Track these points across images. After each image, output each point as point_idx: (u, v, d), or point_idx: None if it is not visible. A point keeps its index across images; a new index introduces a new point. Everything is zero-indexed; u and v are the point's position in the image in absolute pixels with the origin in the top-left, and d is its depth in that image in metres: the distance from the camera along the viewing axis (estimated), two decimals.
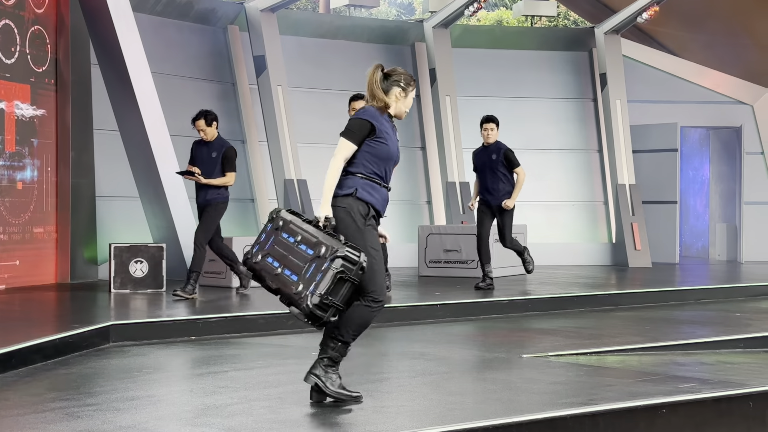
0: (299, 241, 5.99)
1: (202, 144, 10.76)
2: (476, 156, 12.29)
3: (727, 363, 8.20)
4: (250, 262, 6.16)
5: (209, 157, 10.62)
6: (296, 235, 6.01)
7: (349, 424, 5.57)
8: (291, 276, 5.96)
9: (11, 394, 6.27)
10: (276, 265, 6.06)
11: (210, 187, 10.56)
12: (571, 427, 5.77)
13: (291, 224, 6.08)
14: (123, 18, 12.72)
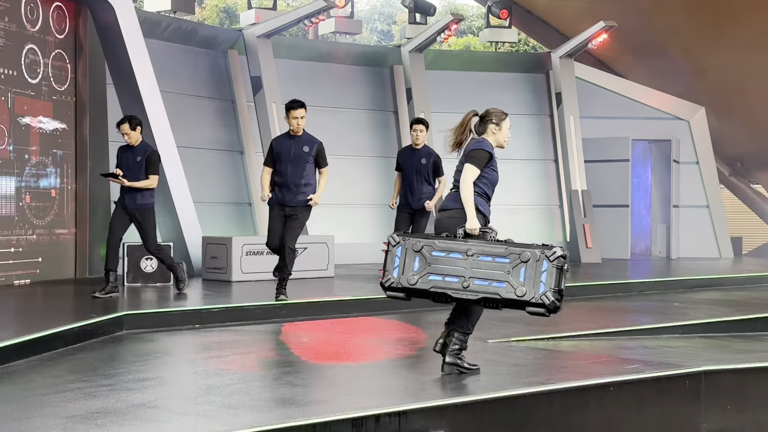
0: (473, 253, 6.08)
1: (128, 149, 10.06)
2: (403, 157, 11.01)
3: (667, 347, 8.26)
4: (396, 286, 6.20)
5: (134, 161, 9.95)
6: (462, 250, 6.09)
7: (327, 401, 5.59)
8: (492, 284, 6.06)
9: (35, 376, 6.29)
10: (454, 280, 6.09)
11: (137, 192, 9.93)
12: (530, 404, 5.82)
13: (442, 243, 6.16)
14: (135, 42, 12.72)
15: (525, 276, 6.07)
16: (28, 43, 12.07)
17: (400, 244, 6.23)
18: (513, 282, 6.06)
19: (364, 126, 17.49)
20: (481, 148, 6.53)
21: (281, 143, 9.80)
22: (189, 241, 12.95)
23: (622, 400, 6.23)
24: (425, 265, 6.17)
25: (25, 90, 12.00)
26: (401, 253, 6.24)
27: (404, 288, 6.22)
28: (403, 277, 6.18)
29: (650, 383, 6.41)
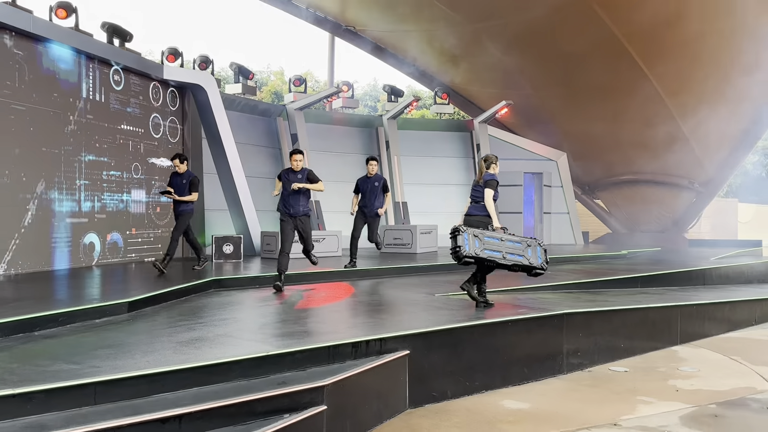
0: (503, 238, 6.77)
1: (177, 175, 9.47)
2: (362, 182, 10.33)
3: (543, 298, 8.24)
4: (470, 255, 6.58)
5: (181, 183, 9.37)
6: (498, 237, 6.74)
7: (335, 332, 5.56)
8: (517, 257, 6.75)
9: (157, 317, 6.25)
10: (497, 254, 6.68)
11: (182, 203, 9.35)
12: (461, 332, 5.81)
13: (487, 233, 6.74)
14: (219, 112, 12.68)
15: (531, 254, 6.81)
16: (154, 113, 12.01)
17: (465, 231, 6.62)
18: (527, 256, 6.78)
19: (359, 163, 17.43)
20: (493, 178, 7.11)
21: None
22: (252, 233, 12.90)
23: (517, 330, 6.23)
24: (482, 245, 6.64)
25: (151, 142, 11.93)
26: (467, 237, 6.61)
27: (473, 257, 6.60)
28: (470, 251, 6.56)
29: (533, 320, 6.42)
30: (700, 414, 5.28)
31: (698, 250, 17.91)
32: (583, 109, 18.40)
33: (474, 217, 7.03)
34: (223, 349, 4.73)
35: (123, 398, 3.92)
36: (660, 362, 7.11)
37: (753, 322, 9.67)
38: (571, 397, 5.73)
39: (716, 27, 14.85)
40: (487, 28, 17.15)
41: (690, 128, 17.88)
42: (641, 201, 20.66)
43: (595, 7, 14.79)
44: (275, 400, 4.06)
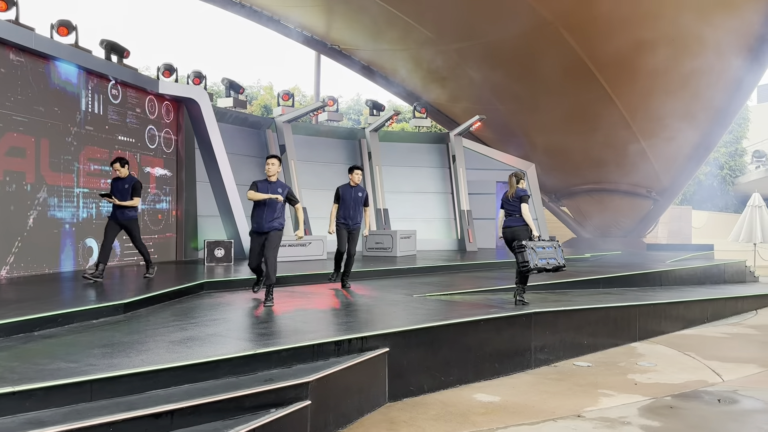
0: (545, 246, 7.40)
1: (119, 179, 8.36)
2: (345, 191, 8.65)
3: (512, 299, 8.26)
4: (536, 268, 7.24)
5: (123, 187, 8.28)
6: (542, 245, 7.37)
7: (319, 331, 5.53)
8: (552, 260, 7.36)
9: (151, 317, 6.18)
10: (543, 262, 7.30)
11: (125, 208, 8.28)
12: (437, 332, 5.82)
13: (537, 244, 7.37)
14: (212, 124, 12.59)
15: (559, 254, 7.45)
16: (149, 125, 11.91)
17: (528, 246, 7.30)
18: (557, 257, 7.40)
19: (344, 172, 17.28)
20: (526, 193, 7.70)
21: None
22: (243, 238, 12.76)
23: (488, 329, 6.25)
24: (536, 256, 7.29)
25: (147, 152, 11.82)
26: (531, 253, 7.30)
27: (536, 267, 7.26)
28: (532, 264, 7.23)
29: (503, 319, 6.45)
30: (657, 406, 5.33)
31: (656, 254, 18.09)
32: (550, 125, 18.56)
33: (516, 228, 7.59)
34: (213, 348, 4.69)
35: (118, 395, 3.87)
36: (620, 357, 7.17)
37: (705, 319, 9.80)
38: (538, 390, 5.76)
39: (675, 59, 15.08)
40: (461, 49, 17.25)
41: (649, 144, 18.11)
42: (603, 208, 20.85)
43: (562, 31, 14.94)
44: (262, 395, 4.03)
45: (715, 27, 13.97)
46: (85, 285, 7.80)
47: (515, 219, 7.64)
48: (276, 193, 7.20)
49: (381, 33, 18.20)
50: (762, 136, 31.37)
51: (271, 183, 7.31)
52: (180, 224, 12.74)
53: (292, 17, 18.98)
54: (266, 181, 7.32)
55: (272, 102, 31.14)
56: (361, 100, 34.62)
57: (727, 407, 5.32)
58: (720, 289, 12.18)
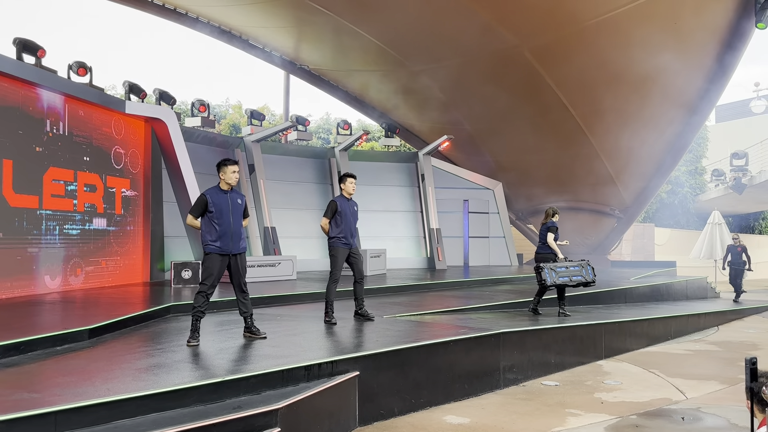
0: (569, 266, 8.74)
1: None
2: (343, 204, 7.24)
3: (481, 318, 8.34)
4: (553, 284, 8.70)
5: None
6: (564, 266, 8.72)
7: (290, 356, 5.49)
8: (578, 277, 8.72)
9: (116, 344, 6.07)
10: (565, 278, 8.67)
11: None
12: (407, 353, 5.82)
13: (557, 264, 8.69)
14: (179, 144, 12.44)
15: (585, 273, 8.77)
16: (116, 146, 11.76)
17: (546, 267, 8.67)
18: (584, 275, 8.77)
19: (313, 191, 17.41)
20: (553, 225, 9.04)
21: None
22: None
23: (457, 349, 6.29)
24: (557, 275, 8.66)
25: (113, 172, 11.66)
26: (548, 271, 8.64)
27: (554, 284, 8.70)
28: (550, 282, 8.68)
29: (472, 339, 6.49)
30: (623, 425, 5.41)
31: (620, 271, 18.43)
32: (514, 145, 18.86)
33: (543, 254, 8.98)
34: (180, 375, 4.62)
35: (83, 425, 3.79)
36: (587, 376, 7.27)
37: (669, 336, 10.01)
38: (507, 410, 5.80)
39: (635, 79, 15.51)
40: (428, 70, 17.46)
41: (611, 163, 18.51)
42: (568, 226, 21.16)
43: (526, 54, 15.25)
44: (231, 424, 3.98)
45: (673, 48, 14.42)
46: (49, 309, 7.61)
47: (543, 246, 9.02)
48: (236, 204, 6.09)
49: (350, 54, 18.32)
50: (720, 155, 32.32)
51: (229, 192, 6.12)
52: (146, 244, 12.55)
53: (261, 38, 19.00)
54: (222, 191, 6.10)
55: (241, 121, 31.02)
56: (331, 119, 34.71)
57: (690, 425, 5.43)
58: (683, 306, 12.45)
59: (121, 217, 11.85)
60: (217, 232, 5.98)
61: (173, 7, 17.46)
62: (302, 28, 17.70)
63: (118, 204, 11.77)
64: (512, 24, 14.53)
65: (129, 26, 77.06)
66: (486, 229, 19.07)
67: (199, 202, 6.03)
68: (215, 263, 5.96)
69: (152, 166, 12.74)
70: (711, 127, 38.23)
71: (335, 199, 7.36)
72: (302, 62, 20.02)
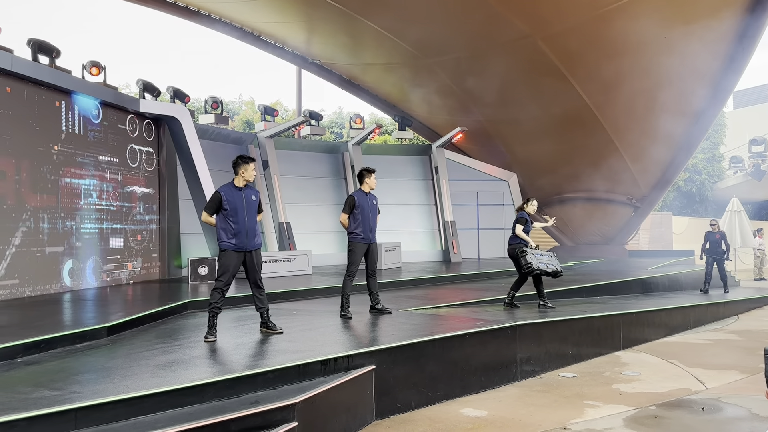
0: (543, 254, 8.44)
1: None
2: (361, 198, 7.21)
3: (497, 310, 8.33)
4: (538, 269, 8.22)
5: None
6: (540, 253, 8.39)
7: (306, 350, 5.51)
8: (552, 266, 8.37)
9: (135, 340, 6.13)
10: (543, 266, 8.25)
11: None
12: (422, 348, 5.81)
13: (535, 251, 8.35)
14: (193, 142, 12.52)
15: (556, 262, 8.49)
16: (130, 143, 11.84)
17: (528, 252, 8.27)
18: (556, 264, 8.44)
19: (327, 186, 17.44)
20: (522, 215, 8.62)
21: None
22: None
23: (473, 342, 6.27)
24: (537, 261, 8.24)
25: (128, 171, 11.75)
26: (531, 256, 8.24)
27: (539, 270, 8.23)
28: (536, 266, 8.21)
29: (488, 332, 6.48)
30: (642, 416, 5.37)
31: (637, 261, 18.28)
32: (529, 135, 18.71)
33: (513, 245, 8.54)
34: (197, 371, 4.66)
35: (103, 422, 3.83)
36: (605, 367, 7.22)
37: (688, 326, 9.91)
38: (524, 403, 5.78)
39: (652, 65, 15.30)
40: (441, 62, 17.37)
41: (628, 152, 18.32)
42: (585, 216, 21.01)
43: (540, 43, 15.12)
44: (248, 419, 4.01)
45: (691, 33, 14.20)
46: (69, 307, 7.71)
47: (512, 238, 8.62)
48: (250, 200, 6.08)
49: (361, 48, 18.28)
50: (739, 142, 31.88)
51: (243, 189, 6.09)
52: (162, 242, 12.65)
53: (273, 33, 19.01)
54: (236, 188, 6.09)
55: (254, 117, 31.11)
56: (344, 114, 34.69)
57: (710, 415, 5.38)
58: (701, 295, 12.32)
59: (137, 214, 11.95)
60: (233, 229, 6.02)
61: (185, 5, 17.52)
62: (313, 23, 17.68)
63: (134, 202, 11.87)
64: (524, 13, 14.39)
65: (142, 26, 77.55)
66: (501, 221, 18.97)
67: (214, 199, 6.07)
68: (231, 260, 6.03)
69: (167, 164, 12.83)
70: (729, 113, 37.71)
71: (353, 194, 7.29)
72: (314, 57, 20.02)
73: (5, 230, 8.98)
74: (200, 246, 13.33)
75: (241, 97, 39.92)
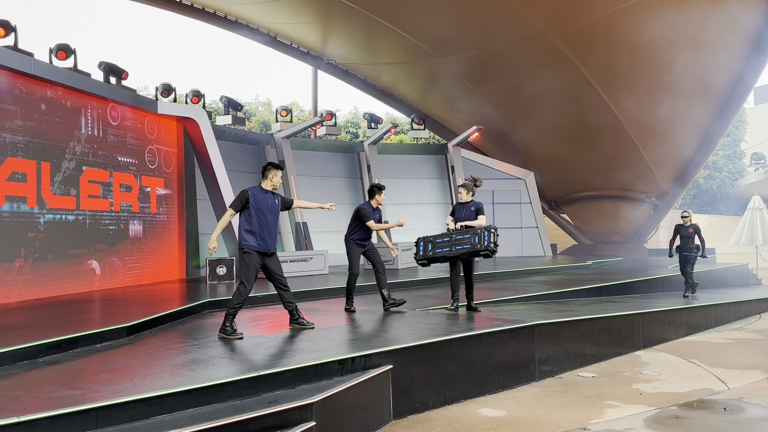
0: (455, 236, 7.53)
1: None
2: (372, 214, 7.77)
3: (515, 309, 8.27)
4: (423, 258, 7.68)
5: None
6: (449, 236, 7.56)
7: (323, 350, 5.51)
8: (463, 247, 7.44)
9: (154, 340, 6.18)
10: (446, 249, 7.54)
11: None
12: (440, 347, 5.79)
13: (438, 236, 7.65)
14: (211, 142, 12.62)
15: (478, 240, 7.40)
16: (150, 145, 11.95)
17: (422, 241, 7.72)
18: (474, 243, 7.41)
19: (343, 186, 17.48)
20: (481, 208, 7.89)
21: None
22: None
23: (491, 342, 6.24)
24: (434, 247, 7.61)
25: (147, 172, 11.86)
26: (422, 245, 7.68)
27: (427, 258, 7.67)
28: (423, 254, 7.66)
29: (506, 331, 6.43)
30: (663, 416, 5.31)
31: (657, 259, 18.08)
32: (547, 133, 18.61)
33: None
34: (216, 371, 4.68)
35: (123, 421, 3.86)
36: (625, 367, 7.14)
37: (709, 325, 9.78)
38: (543, 403, 5.73)
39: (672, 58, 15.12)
40: (457, 61, 17.31)
41: (647, 149, 18.13)
42: (603, 215, 20.84)
43: (557, 41, 15.01)
44: (266, 418, 4.02)
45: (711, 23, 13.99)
46: (89, 307, 7.79)
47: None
48: (274, 204, 6.28)
49: (377, 48, 18.28)
50: (760, 138, 31.42)
51: (268, 192, 6.28)
52: (181, 242, 12.75)
53: (289, 34, 19.09)
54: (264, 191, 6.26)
55: (271, 118, 31.26)
56: (359, 113, 34.73)
57: (733, 416, 5.30)
58: (723, 294, 12.16)
59: (156, 215, 12.06)
60: (256, 229, 6.21)
61: (202, 7, 17.65)
62: (329, 24, 17.72)
63: (153, 203, 11.98)
64: (541, 10, 14.30)
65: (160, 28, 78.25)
66: (518, 220, 18.88)
67: (241, 197, 6.22)
68: (253, 260, 6.18)
69: (185, 165, 12.93)
70: (749, 110, 37.15)
71: (365, 205, 7.83)
72: (330, 58, 20.06)
73: (26, 229, 9.10)
74: (218, 246, 13.42)
75: (258, 98, 40.14)
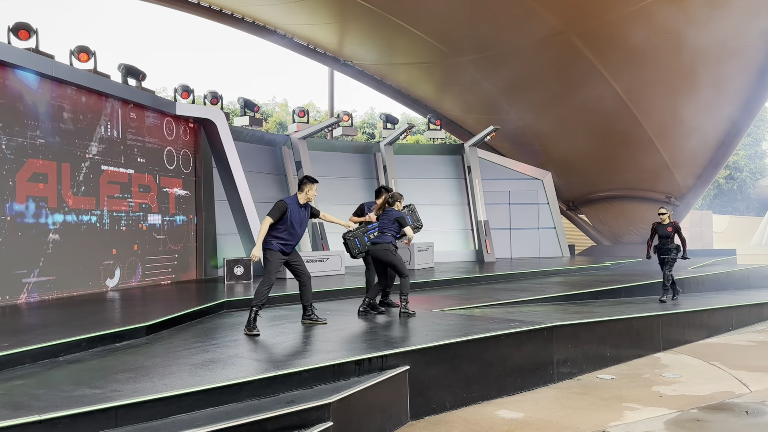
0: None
1: None
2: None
3: (533, 311, 8.21)
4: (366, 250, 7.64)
5: None
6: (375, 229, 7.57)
7: (340, 350, 5.51)
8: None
9: (173, 339, 6.21)
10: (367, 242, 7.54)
11: None
12: (457, 348, 5.77)
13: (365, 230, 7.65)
14: (228, 143, 12.70)
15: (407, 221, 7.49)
16: (168, 146, 12.05)
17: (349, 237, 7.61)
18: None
19: (360, 186, 17.49)
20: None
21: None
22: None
23: (509, 343, 6.20)
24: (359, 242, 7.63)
25: (166, 173, 11.96)
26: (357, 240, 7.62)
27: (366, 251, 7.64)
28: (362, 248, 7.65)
29: (525, 333, 6.39)
30: (683, 419, 5.24)
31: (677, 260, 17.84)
32: (565, 134, 18.48)
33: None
34: (234, 370, 4.70)
35: (142, 420, 3.89)
36: (644, 369, 7.06)
37: (730, 327, 9.64)
38: (561, 405, 5.69)
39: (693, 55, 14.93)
40: (474, 61, 17.25)
41: (666, 149, 17.93)
42: (622, 215, 20.65)
43: (575, 39, 14.89)
44: (284, 418, 4.02)
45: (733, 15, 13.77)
46: (108, 307, 7.87)
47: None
48: (305, 217, 6.66)
49: (394, 48, 18.28)
50: None
51: (302, 206, 6.62)
52: (199, 243, 12.84)
53: (305, 35, 19.15)
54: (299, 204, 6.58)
55: (287, 119, 31.39)
56: (375, 114, 34.77)
57: (755, 419, 5.21)
58: (744, 295, 11.98)
59: (174, 216, 12.15)
60: (285, 239, 6.49)
61: (219, 8, 17.76)
62: (346, 24, 17.75)
63: (171, 203, 12.07)
64: (559, 9, 14.20)
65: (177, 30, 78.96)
66: (535, 220, 18.76)
67: (280, 208, 6.44)
68: (277, 259, 6.48)
69: (203, 166, 13.02)
70: None
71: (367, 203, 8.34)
72: (346, 58, 20.09)
73: (46, 229, 9.22)
74: (236, 246, 13.49)
75: (275, 99, 40.31)
